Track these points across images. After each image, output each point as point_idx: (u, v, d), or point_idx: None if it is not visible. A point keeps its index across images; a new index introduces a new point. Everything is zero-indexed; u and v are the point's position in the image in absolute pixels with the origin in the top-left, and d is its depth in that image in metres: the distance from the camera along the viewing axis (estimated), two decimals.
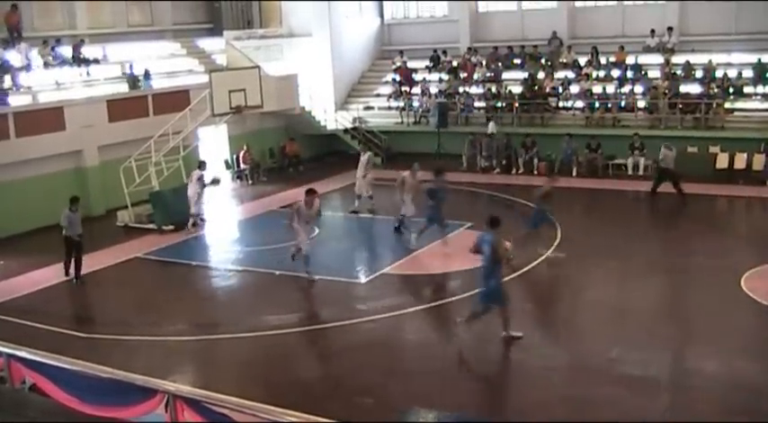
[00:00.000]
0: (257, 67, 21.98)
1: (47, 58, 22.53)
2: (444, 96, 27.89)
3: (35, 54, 22.39)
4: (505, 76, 28.15)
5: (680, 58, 25.53)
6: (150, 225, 19.66)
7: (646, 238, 17.39)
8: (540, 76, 27.18)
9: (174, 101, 22.30)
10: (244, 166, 25.64)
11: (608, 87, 25.76)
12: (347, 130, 28.74)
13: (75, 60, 23.19)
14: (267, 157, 27.34)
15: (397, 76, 29.99)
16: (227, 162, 25.98)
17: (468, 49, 29.58)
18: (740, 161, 22.24)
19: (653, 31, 26.29)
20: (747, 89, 24.06)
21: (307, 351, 12.45)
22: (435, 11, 31.52)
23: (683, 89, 24.64)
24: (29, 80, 21.66)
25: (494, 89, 27.50)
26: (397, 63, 30.32)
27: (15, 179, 19.77)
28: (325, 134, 28.80)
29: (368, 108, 29.69)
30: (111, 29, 26.07)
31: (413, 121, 28.46)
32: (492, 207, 20.17)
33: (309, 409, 6.88)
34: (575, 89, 26.30)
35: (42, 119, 20.08)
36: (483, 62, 28.84)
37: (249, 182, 25.44)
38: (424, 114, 27.96)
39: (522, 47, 28.78)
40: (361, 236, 19.35)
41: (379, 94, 30.31)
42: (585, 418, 9.45)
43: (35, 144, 19.73)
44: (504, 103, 26.92)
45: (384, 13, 32.24)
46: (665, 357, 11.37)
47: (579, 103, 25.96)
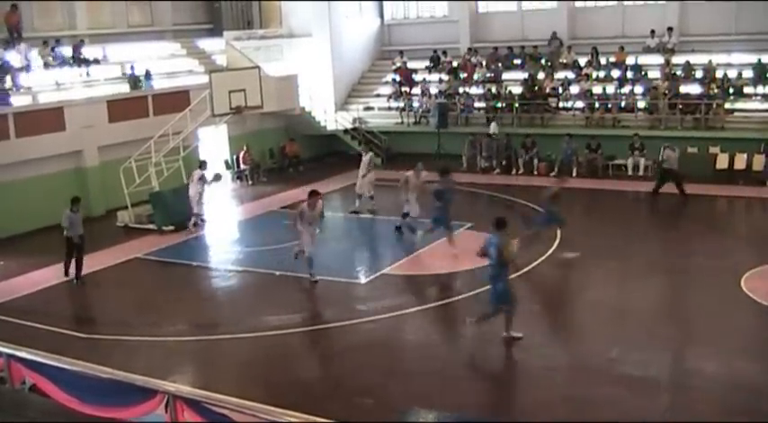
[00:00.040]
0: (257, 67, 21.96)
1: (47, 58, 22.54)
2: (444, 97, 27.88)
3: (35, 54, 22.40)
4: (505, 76, 28.14)
5: (680, 59, 25.53)
6: (150, 225, 19.67)
7: (646, 239, 17.39)
8: (540, 76, 27.18)
9: (174, 101, 22.31)
10: (244, 166, 25.64)
11: (608, 88, 25.76)
12: (347, 131, 28.74)
13: (75, 61, 23.20)
14: (267, 157, 27.34)
15: (397, 77, 29.98)
16: (227, 162, 25.98)
17: (469, 49, 29.58)
18: (740, 162, 22.25)
19: (653, 31, 26.28)
20: (747, 89, 24.06)
21: (307, 351, 12.45)
22: (435, 11, 31.51)
23: (683, 89, 24.64)
24: (29, 80, 21.66)
25: (494, 90, 27.49)
26: (397, 63, 30.31)
27: (15, 179, 19.77)
28: (325, 134, 28.79)
29: (368, 108, 29.68)
30: (111, 29, 26.07)
31: (413, 122, 28.46)
32: (492, 207, 20.17)
33: (309, 409, 6.88)
34: (575, 89, 26.29)
35: (42, 119, 20.08)
36: (483, 62, 28.83)
37: (249, 182, 25.45)
38: (424, 115, 27.96)
39: (522, 47, 28.77)
40: (362, 236, 19.36)
41: (379, 95, 30.30)
42: (586, 418, 9.45)
43: (35, 144, 19.73)
44: (504, 104, 26.91)
45: (384, 13, 32.22)
46: (665, 358, 11.37)
47: (579, 104, 25.95)
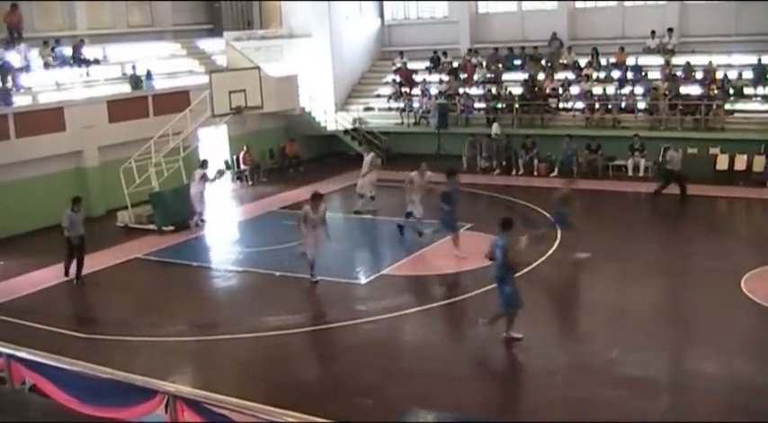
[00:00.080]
0: (257, 67, 21.96)
1: (47, 58, 22.54)
2: (444, 97, 27.89)
3: (35, 55, 22.40)
4: (506, 77, 28.14)
5: (680, 60, 25.52)
6: (150, 226, 19.67)
7: (646, 240, 17.39)
8: (541, 77, 27.17)
9: (175, 101, 22.31)
10: (244, 166, 25.65)
11: (608, 88, 25.75)
12: (347, 131, 28.74)
13: (76, 61, 23.20)
14: (267, 157, 27.34)
15: (398, 77, 29.98)
16: (227, 163, 25.94)
17: (469, 50, 29.58)
18: (740, 163, 22.25)
19: (653, 32, 26.28)
20: (747, 90, 24.05)
21: (306, 352, 12.46)
22: (435, 12, 31.51)
23: (683, 90, 24.63)
24: (28, 81, 21.67)
25: (494, 90, 27.49)
26: (398, 64, 30.31)
27: (16, 180, 19.77)
28: (326, 135, 28.79)
29: (368, 109, 29.68)
30: (111, 29, 26.08)
31: (413, 122, 28.46)
32: (492, 208, 20.17)
33: (309, 409, 6.88)
34: (575, 90, 26.29)
35: (42, 119, 20.08)
36: (483, 63, 28.83)
37: (249, 183, 25.45)
38: (424, 115, 27.95)
39: (523, 48, 28.77)
40: (362, 236, 19.34)
41: (379, 95, 30.30)
42: (585, 418, 9.45)
43: (35, 144, 19.74)
44: (505, 105, 26.92)
45: (384, 13, 32.22)
46: (665, 358, 11.38)
47: (579, 105, 25.95)
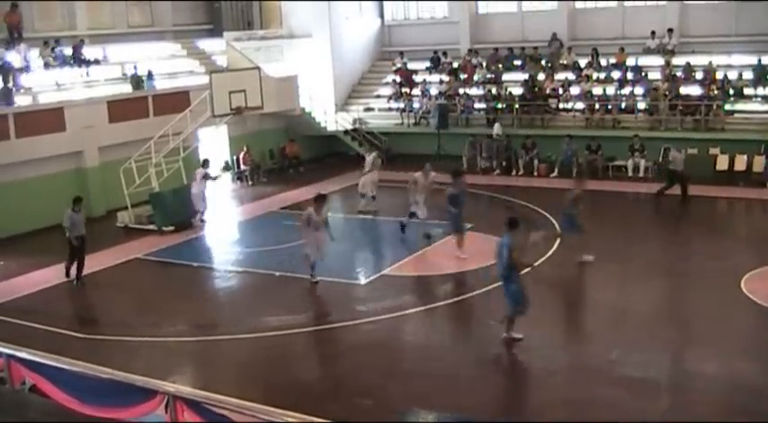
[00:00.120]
0: (257, 68, 21.96)
1: (47, 58, 22.54)
2: (444, 98, 27.89)
3: (34, 55, 22.40)
4: (506, 77, 28.14)
5: (680, 60, 25.52)
6: (150, 226, 19.67)
7: (646, 240, 17.38)
8: (541, 77, 27.18)
9: (175, 102, 22.32)
10: (244, 167, 25.65)
11: (608, 89, 25.75)
12: (347, 132, 28.74)
13: (76, 61, 23.20)
14: (267, 158, 27.34)
15: (398, 78, 29.99)
16: (227, 163, 25.97)
17: (469, 50, 29.58)
18: (740, 163, 22.26)
19: (653, 32, 26.28)
20: (747, 91, 24.05)
21: (306, 352, 12.46)
22: (435, 12, 31.51)
23: (683, 91, 24.64)
24: (28, 81, 21.67)
25: (494, 91, 27.50)
26: (398, 64, 30.31)
27: (16, 180, 19.78)
28: (326, 135, 28.79)
29: (368, 109, 29.68)
30: (112, 30, 26.11)
31: (413, 123, 28.46)
32: (492, 208, 20.16)
33: (309, 409, 6.88)
34: (575, 91, 26.29)
35: (42, 120, 20.09)
36: (483, 63, 28.84)
37: (249, 183, 25.45)
38: (424, 116, 27.96)
39: (523, 48, 28.77)
40: (362, 237, 19.32)
41: (379, 96, 30.31)
42: (586, 419, 9.44)
43: (35, 145, 19.74)
44: (505, 105, 26.92)
45: (384, 14, 32.23)
46: (665, 359, 11.36)
47: (579, 105, 25.95)
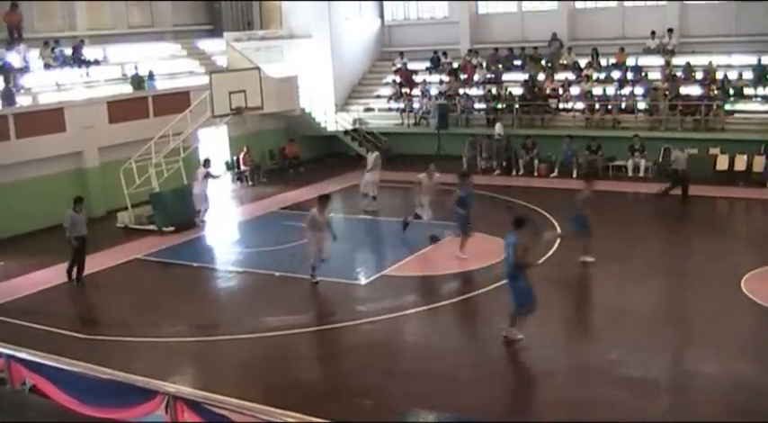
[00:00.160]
0: (257, 68, 21.96)
1: (47, 59, 22.55)
2: (444, 98, 27.90)
3: (34, 55, 22.41)
4: (506, 77, 28.14)
5: (680, 60, 25.52)
6: (150, 226, 19.68)
7: (646, 240, 17.37)
8: (541, 77, 27.18)
9: (175, 102, 22.31)
10: (244, 167, 25.65)
11: (608, 89, 25.75)
12: (347, 132, 28.74)
13: (76, 61, 23.20)
14: (267, 158, 27.35)
15: (398, 78, 29.99)
16: (227, 163, 26.00)
17: (469, 50, 29.58)
18: (740, 163, 22.26)
19: (653, 32, 26.28)
20: (747, 91, 24.05)
21: (306, 352, 12.45)
22: (435, 12, 31.51)
23: (683, 91, 24.63)
24: (28, 81, 21.67)
25: (494, 91, 27.50)
26: (398, 64, 30.31)
27: (16, 180, 19.78)
28: (326, 136, 28.80)
29: (368, 109, 29.68)
30: (112, 30, 26.12)
31: (413, 123, 28.46)
32: (492, 209, 20.15)
33: (309, 410, 6.87)
34: (575, 91, 26.29)
35: (43, 120, 20.08)
36: (483, 64, 28.84)
37: (249, 183, 25.45)
38: (424, 116, 27.96)
39: (523, 48, 28.77)
40: (362, 237, 19.32)
41: (379, 96, 30.31)
42: (585, 419, 9.44)
43: (35, 145, 19.74)
44: (505, 105, 26.93)
45: (384, 14, 32.23)
46: (665, 359, 11.37)
47: (579, 105, 25.95)
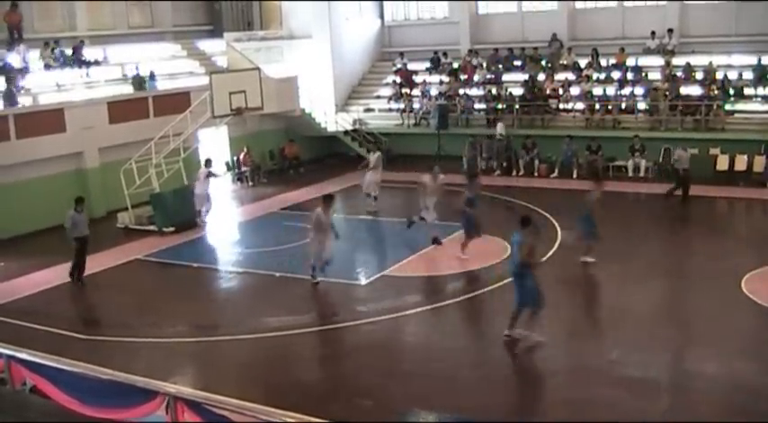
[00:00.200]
0: (257, 68, 21.97)
1: (47, 59, 22.55)
2: (444, 98, 27.89)
3: (34, 56, 22.41)
4: (506, 77, 28.13)
5: (680, 60, 25.51)
6: (151, 227, 19.68)
7: (646, 240, 17.37)
8: (541, 77, 27.17)
9: (175, 103, 22.32)
10: (244, 167, 25.66)
11: (608, 89, 25.74)
12: (347, 132, 28.73)
13: (76, 62, 23.21)
14: (267, 158, 27.34)
15: (398, 78, 29.98)
16: (227, 164, 26.00)
17: (469, 50, 29.58)
18: (741, 163, 22.26)
19: (653, 32, 26.28)
20: (748, 91, 24.04)
21: (307, 353, 12.44)
22: (435, 12, 31.51)
23: (683, 91, 24.62)
24: (28, 82, 21.67)
25: (494, 91, 27.50)
26: (398, 65, 30.31)
27: (16, 181, 19.79)
28: (326, 136, 28.79)
29: (368, 110, 29.67)
30: (112, 30, 26.13)
31: (413, 123, 28.46)
32: (492, 209, 20.15)
33: (309, 410, 6.87)
34: (575, 91, 26.27)
35: (43, 120, 20.09)
36: (483, 64, 28.84)
37: (249, 184, 25.45)
38: (424, 116, 27.95)
39: (523, 49, 28.76)
40: (362, 237, 19.32)
41: (379, 96, 30.30)
42: (585, 419, 9.44)
43: (36, 146, 19.74)
44: (505, 105, 26.93)
45: (384, 14, 32.23)
46: (665, 359, 11.37)
47: (580, 105, 25.94)
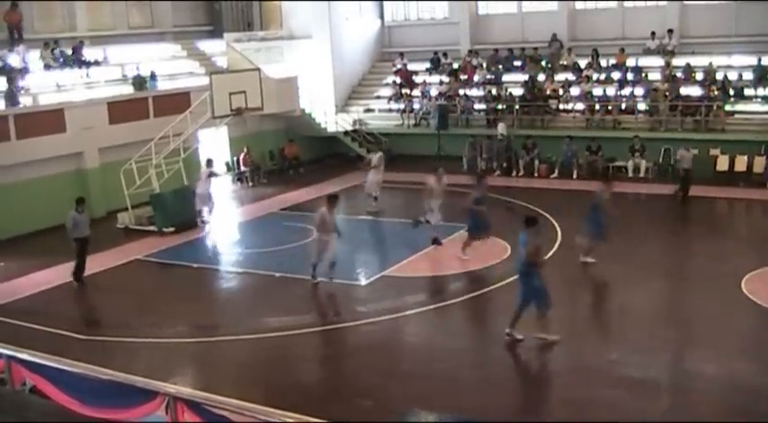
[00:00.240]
0: (257, 69, 21.98)
1: (47, 59, 22.54)
2: (444, 99, 27.89)
3: (34, 56, 22.40)
4: (506, 78, 28.13)
5: (680, 61, 25.52)
6: (151, 227, 19.68)
7: (646, 241, 17.37)
8: (541, 78, 27.18)
9: (175, 103, 22.31)
10: (244, 168, 25.65)
11: (608, 90, 25.75)
12: (347, 133, 28.73)
13: (76, 62, 23.20)
14: (267, 159, 27.34)
15: (398, 79, 29.99)
16: (227, 164, 25.99)
17: (469, 51, 29.58)
18: (741, 164, 22.27)
19: (653, 33, 26.29)
20: (748, 91, 24.05)
21: (307, 353, 12.44)
22: (435, 13, 31.51)
23: (683, 91, 24.63)
24: (28, 82, 21.66)
25: (494, 91, 27.50)
26: (398, 65, 30.31)
27: (17, 181, 19.78)
28: (326, 136, 28.79)
29: (368, 110, 29.67)
30: (112, 31, 26.13)
31: (413, 124, 28.46)
32: (493, 209, 20.12)
33: (309, 410, 6.88)
34: (575, 91, 26.28)
35: (43, 121, 20.08)
36: (483, 64, 28.84)
37: (249, 184, 25.45)
38: (424, 116, 27.96)
39: (523, 49, 28.76)
40: (362, 237, 19.31)
41: (379, 97, 30.31)
42: (586, 419, 9.45)
43: (36, 146, 19.73)
44: (505, 106, 26.94)
45: (384, 14, 32.24)
46: (665, 359, 11.37)
47: (580, 106, 25.95)
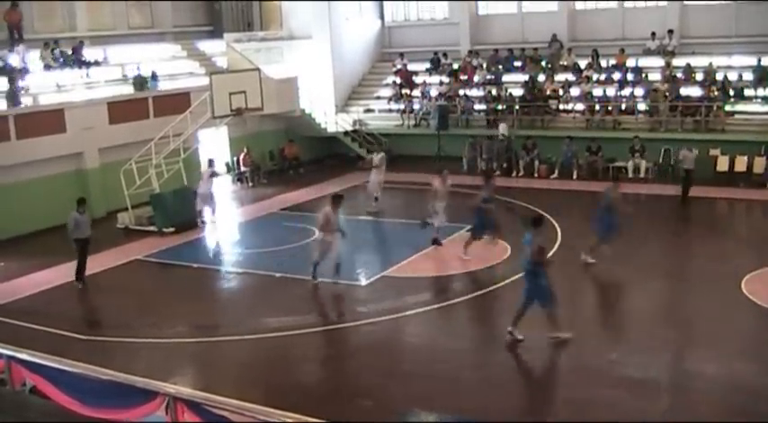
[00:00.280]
0: (257, 69, 21.98)
1: (47, 60, 22.54)
2: (444, 99, 27.89)
3: (34, 56, 22.39)
4: (506, 78, 28.14)
5: (680, 61, 25.53)
6: (151, 227, 19.68)
7: (646, 241, 17.36)
8: (541, 78, 27.18)
9: (175, 103, 22.32)
10: (244, 168, 25.66)
11: (608, 90, 25.75)
12: (347, 133, 28.73)
13: (76, 62, 23.20)
14: (267, 159, 27.34)
15: (398, 79, 29.99)
16: (227, 164, 25.99)
17: (469, 51, 29.59)
18: (741, 164, 22.27)
19: (653, 33, 26.29)
20: (748, 92, 24.05)
21: (307, 353, 12.44)
22: (435, 13, 31.52)
23: (683, 92, 24.63)
24: (28, 82, 21.66)
25: (494, 92, 27.51)
26: (398, 65, 30.31)
27: (17, 181, 19.78)
28: (326, 136, 28.79)
29: (368, 110, 29.68)
30: (112, 31, 26.13)
31: (413, 124, 28.46)
32: (495, 209, 20.14)
33: (309, 411, 6.89)
34: (575, 92, 26.28)
35: (43, 121, 20.08)
36: (483, 65, 28.84)
37: (249, 184, 25.46)
38: (424, 117, 27.96)
39: (523, 49, 28.77)
40: (363, 238, 19.29)
41: (379, 97, 30.31)
42: (586, 419, 9.45)
43: (36, 146, 19.74)
44: (505, 106, 26.94)
45: (384, 15, 32.24)
46: (665, 359, 11.37)
47: (580, 106, 25.95)
